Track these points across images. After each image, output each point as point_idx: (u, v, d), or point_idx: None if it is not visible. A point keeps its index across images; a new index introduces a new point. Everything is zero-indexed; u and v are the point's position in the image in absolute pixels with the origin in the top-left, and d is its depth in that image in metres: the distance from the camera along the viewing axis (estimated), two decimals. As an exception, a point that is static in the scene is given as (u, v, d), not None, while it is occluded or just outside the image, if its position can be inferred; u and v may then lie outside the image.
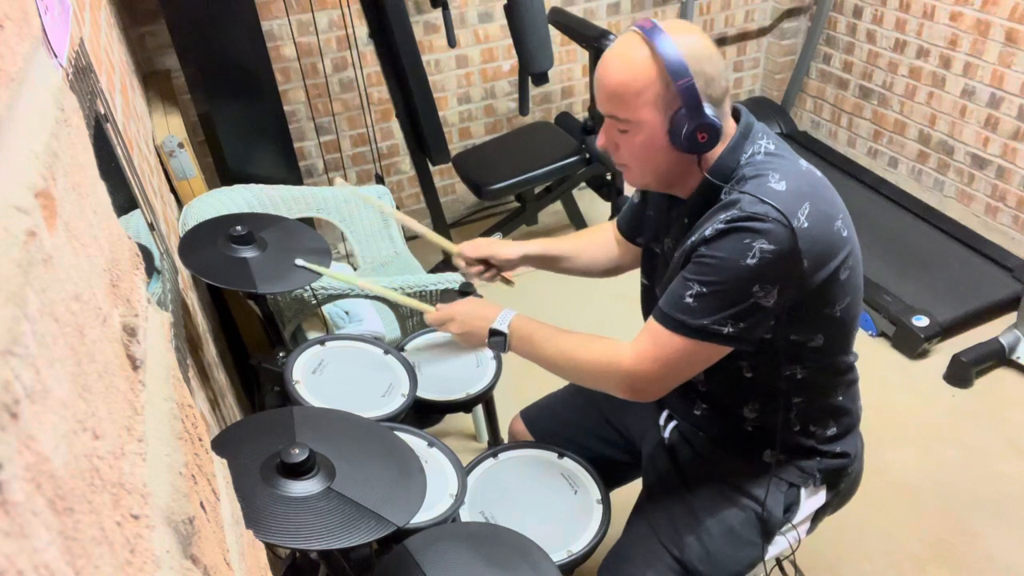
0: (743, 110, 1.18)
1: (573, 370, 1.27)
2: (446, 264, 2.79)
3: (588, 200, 3.26)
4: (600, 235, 1.54)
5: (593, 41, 2.58)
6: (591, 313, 2.74)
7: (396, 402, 1.43)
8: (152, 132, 1.94)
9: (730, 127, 1.16)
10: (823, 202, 1.10)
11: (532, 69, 2.52)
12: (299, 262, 1.47)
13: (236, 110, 2.10)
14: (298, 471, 0.95)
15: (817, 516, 1.37)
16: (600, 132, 1.19)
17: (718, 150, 1.15)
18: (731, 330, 1.09)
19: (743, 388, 1.25)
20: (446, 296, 1.84)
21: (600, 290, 2.79)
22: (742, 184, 1.11)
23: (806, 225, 1.06)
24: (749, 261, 1.05)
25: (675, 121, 1.10)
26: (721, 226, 1.07)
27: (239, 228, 1.47)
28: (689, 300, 1.10)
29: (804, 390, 1.24)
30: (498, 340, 1.32)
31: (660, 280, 1.30)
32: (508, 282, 1.58)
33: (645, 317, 1.41)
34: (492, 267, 1.53)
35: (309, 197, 2.14)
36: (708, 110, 1.08)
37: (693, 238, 1.12)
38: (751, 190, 1.09)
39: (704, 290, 1.09)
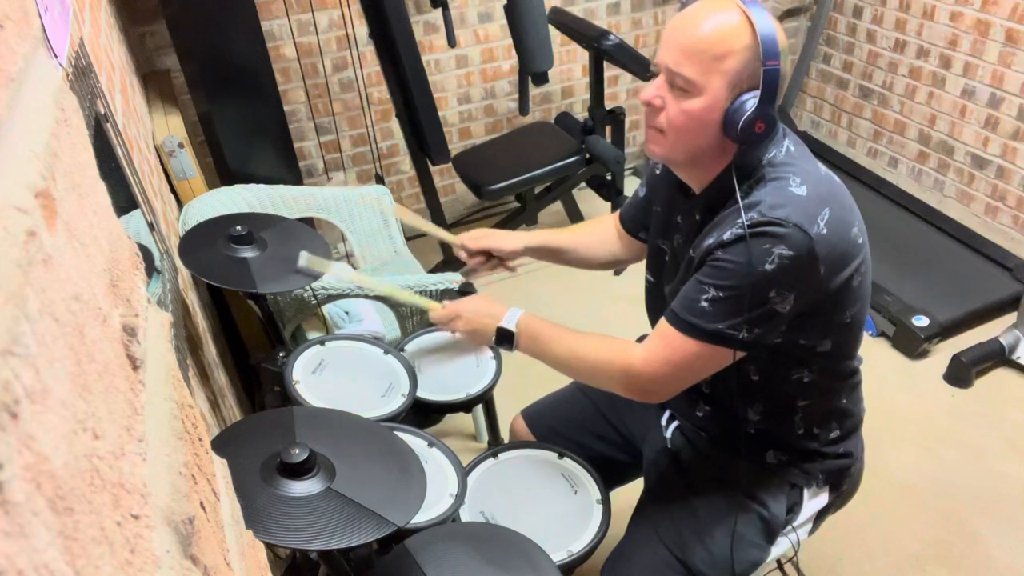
0: None
1: (582, 369, 1.26)
2: (446, 264, 2.79)
3: (588, 200, 3.26)
4: (601, 227, 1.53)
5: (593, 41, 2.58)
6: (592, 314, 2.73)
7: (396, 402, 1.43)
8: (152, 132, 1.94)
9: None
10: (842, 208, 1.09)
11: (532, 69, 2.52)
12: (302, 263, 1.47)
13: (236, 110, 2.10)
14: (298, 471, 0.95)
15: (819, 517, 1.37)
16: (650, 85, 1.10)
17: (732, 148, 1.11)
18: (745, 335, 1.08)
19: (749, 391, 1.25)
20: (446, 296, 1.84)
21: (602, 291, 2.79)
22: (762, 186, 1.09)
23: (825, 231, 1.04)
24: (767, 267, 1.04)
25: (739, 103, 1.04)
26: (740, 231, 1.05)
27: (239, 228, 1.47)
28: (704, 304, 1.09)
29: (809, 393, 1.23)
30: (505, 339, 1.32)
31: (667, 278, 1.30)
32: (511, 270, 1.57)
33: (650, 314, 1.40)
34: (493, 258, 1.53)
35: (309, 197, 2.14)
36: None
37: (709, 241, 1.10)
38: (771, 194, 1.07)
39: (720, 294, 1.07)
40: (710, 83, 1.04)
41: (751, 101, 1.04)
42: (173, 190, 1.97)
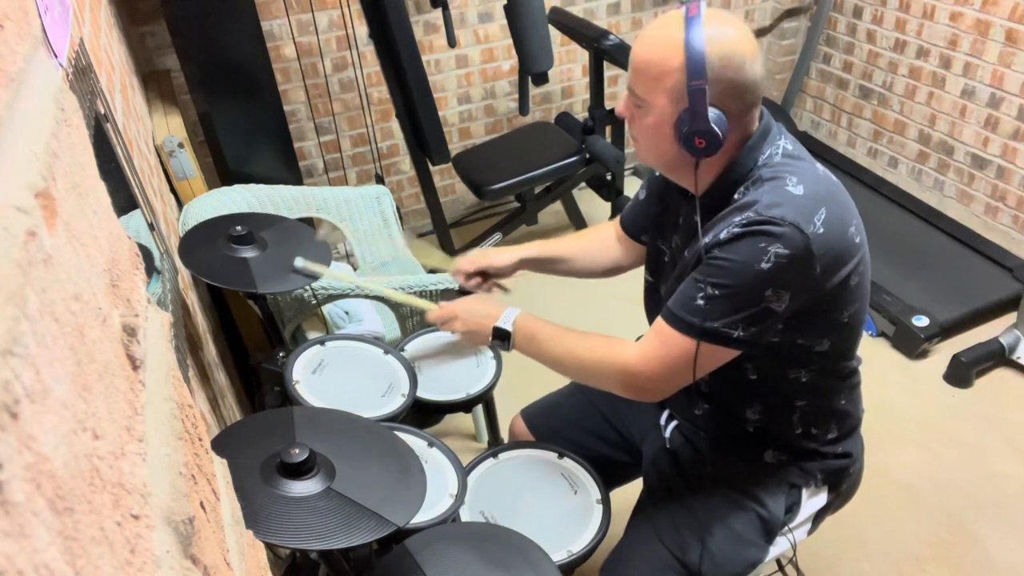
0: (764, 111, 1.15)
1: (578, 369, 1.26)
2: (446, 264, 2.78)
3: (588, 200, 3.26)
4: (599, 235, 1.53)
5: (593, 41, 2.58)
6: (591, 313, 2.73)
7: (396, 402, 1.43)
8: (152, 132, 1.94)
9: (752, 127, 1.13)
10: (839, 208, 1.09)
11: (532, 69, 2.52)
12: (298, 263, 1.47)
13: (236, 110, 2.10)
14: (298, 471, 0.95)
15: (818, 517, 1.37)
16: (622, 98, 1.17)
17: (736, 151, 1.12)
18: (741, 334, 1.08)
19: (747, 390, 1.25)
20: (446, 296, 1.84)
21: (600, 290, 2.79)
22: (758, 186, 1.09)
23: (821, 231, 1.05)
24: (763, 265, 1.04)
25: (681, 117, 1.08)
26: (736, 229, 1.06)
27: (239, 228, 1.47)
28: (700, 302, 1.09)
29: (807, 393, 1.23)
30: (502, 338, 1.32)
31: (665, 278, 1.30)
32: (505, 290, 1.57)
33: (648, 314, 1.40)
34: (490, 277, 1.52)
35: (309, 197, 2.14)
36: (713, 118, 1.05)
37: (707, 239, 1.11)
38: (768, 193, 1.07)
39: (716, 292, 1.08)
40: (655, 100, 1.09)
41: (685, 117, 1.06)
42: (173, 190, 1.96)
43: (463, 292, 1.71)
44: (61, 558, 0.29)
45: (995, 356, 2.42)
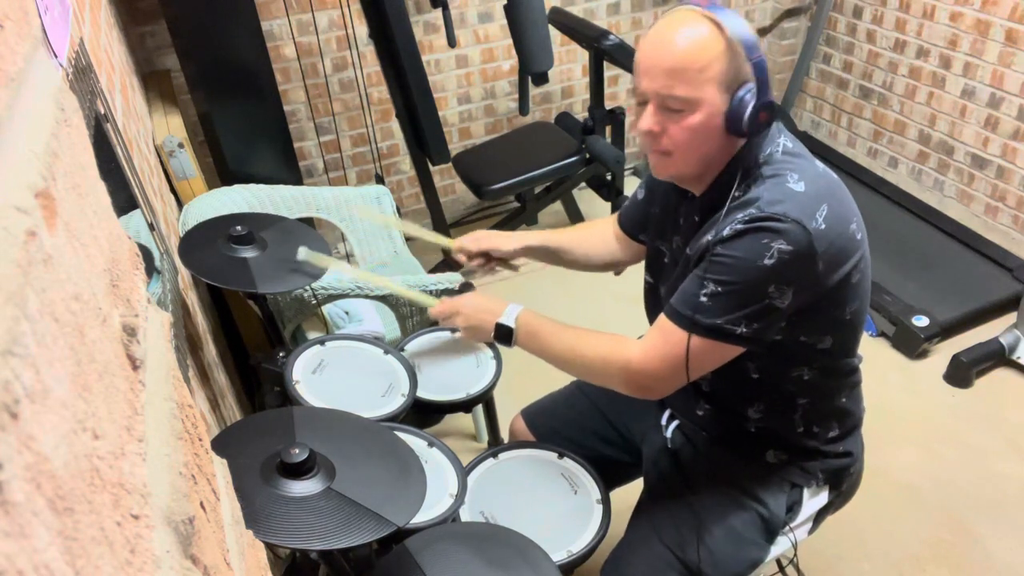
0: None
1: (580, 366, 1.26)
2: (446, 264, 2.79)
3: (588, 200, 3.26)
4: (600, 229, 1.54)
5: (593, 41, 2.58)
6: (590, 313, 2.73)
7: (396, 402, 1.43)
8: (152, 132, 1.94)
9: None
10: (840, 204, 1.09)
11: (532, 69, 2.52)
12: (301, 255, 1.47)
13: (236, 110, 2.10)
14: (298, 471, 0.95)
15: (819, 516, 1.37)
16: (644, 114, 1.11)
17: (737, 146, 1.13)
18: (744, 330, 1.09)
19: (749, 389, 1.25)
20: (446, 296, 1.84)
21: (600, 289, 2.79)
22: (760, 183, 1.09)
23: (823, 227, 1.05)
24: (766, 262, 1.04)
25: (738, 100, 1.06)
26: (739, 226, 1.06)
27: (239, 228, 1.47)
28: (703, 299, 1.09)
29: (809, 391, 1.24)
30: (504, 335, 1.32)
31: (665, 278, 1.30)
32: (512, 268, 1.57)
33: (649, 315, 1.40)
34: (493, 259, 1.54)
35: (309, 197, 2.14)
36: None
37: (709, 236, 1.11)
38: (769, 190, 1.07)
39: (719, 289, 1.08)
40: (704, 94, 1.06)
41: (748, 95, 1.06)
42: (173, 190, 1.97)
43: (464, 291, 1.72)
44: (61, 558, 0.29)
45: (995, 356, 2.42)
